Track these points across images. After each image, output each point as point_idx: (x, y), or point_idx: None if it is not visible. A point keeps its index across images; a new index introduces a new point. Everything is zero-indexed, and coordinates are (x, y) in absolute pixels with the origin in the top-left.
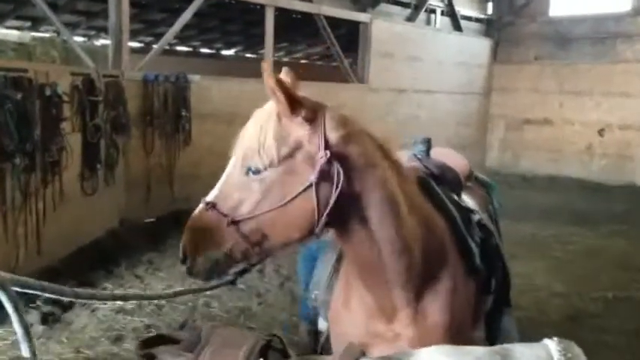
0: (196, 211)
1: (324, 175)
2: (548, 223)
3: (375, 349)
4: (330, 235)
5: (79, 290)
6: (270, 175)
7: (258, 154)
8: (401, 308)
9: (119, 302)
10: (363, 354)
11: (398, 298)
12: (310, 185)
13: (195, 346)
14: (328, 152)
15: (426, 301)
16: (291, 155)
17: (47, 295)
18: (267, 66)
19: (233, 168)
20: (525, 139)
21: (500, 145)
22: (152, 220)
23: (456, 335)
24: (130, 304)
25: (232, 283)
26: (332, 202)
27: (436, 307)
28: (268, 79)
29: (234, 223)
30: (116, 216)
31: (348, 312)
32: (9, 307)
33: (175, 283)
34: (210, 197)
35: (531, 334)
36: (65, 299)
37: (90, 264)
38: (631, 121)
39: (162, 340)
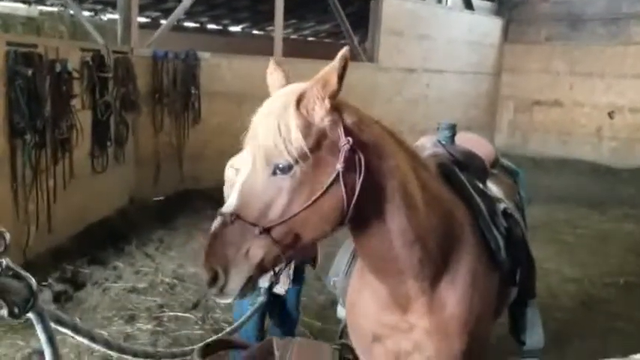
0: (216, 224)
1: (349, 164)
2: (558, 206)
3: (389, 339)
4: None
5: (111, 340)
6: (300, 171)
7: (285, 149)
8: (415, 299)
9: (131, 281)
10: None
11: (412, 288)
12: (337, 175)
13: (267, 357)
14: (350, 139)
15: (442, 292)
16: (317, 146)
17: (79, 337)
18: (346, 52)
19: (253, 171)
20: (535, 121)
21: (509, 127)
22: (161, 198)
23: (474, 327)
24: (142, 283)
25: (267, 305)
26: (357, 190)
27: (453, 298)
28: (337, 66)
29: (266, 231)
30: (126, 194)
31: (362, 301)
32: (43, 338)
33: (186, 262)
34: (229, 208)
35: (544, 319)
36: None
37: (100, 242)
38: None
39: (224, 345)
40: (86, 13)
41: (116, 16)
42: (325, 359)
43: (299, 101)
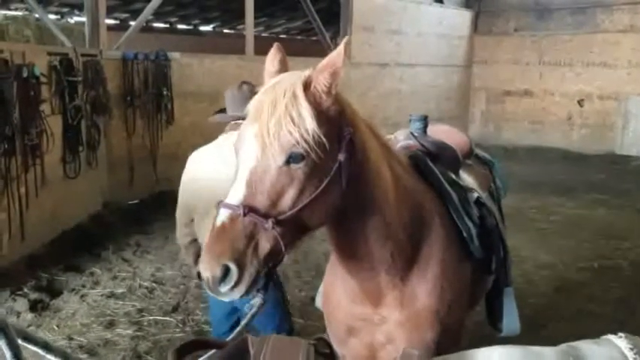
0: (223, 218)
1: (348, 153)
2: (531, 194)
3: (362, 332)
4: None
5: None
6: (313, 160)
7: (301, 138)
8: (387, 292)
9: (109, 286)
10: (419, 358)
11: (383, 282)
12: (340, 164)
13: (244, 355)
14: (351, 129)
15: (414, 284)
16: (326, 135)
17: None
18: (348, 39)
19: (263, 160)
20: (506, 111)
21: (482, 118)
22: (136, 201)
23: (446, 317)
24: (120, 288)
25: (263, 304)
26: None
27: (424, 289)
28: (342, 52)
29: (278, 223)
30: (99, 199)
31: (335, 295)
32: (7, 354)
33: (164, 265)
34: (236, 199)
35: (520, 305)
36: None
37: (75, 248)
38: (610, 91)
39: (199, 345)
40: (52, 17)
41: (83, 19)
42: (300, 354)
43: (305, 89)
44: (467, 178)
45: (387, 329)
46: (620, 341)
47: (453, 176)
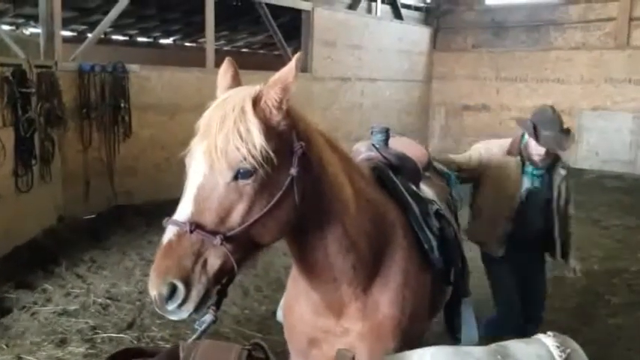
0: (170, 235)
1: (300, 168)
2: None
3: (324, 343)
4: None
5: None
6: (262, 175)
7: (249, 153)
8: (349, 304)
9: (62, 303)
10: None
11: (345, 294)
12: (292, 179)
13: None
14: (303, 144)
15: (375, 295)
16: (276, 150)
17: None
18: (300, 55)
19: (211, 176)
20: (465, 125)
21: (442, 132)
22: (92, 216)
23: (408, 327)
24: (73, 305)
25: (214, 321)
26: (298, 194)
27: (386, 300)
28: (294, 67)
29: (227, 239)
30: (54, 213)
31: (297, 307)
32: None
33: (120, 280)
34: (184, 216)
35: (478, 315)
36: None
37: (28, 264)
38: (564, 106)
39: (133, 353)
40: (6, 27)
41: (39, 30)
42: (231, 358)
43: (254, 104)
44: (426, 190)
45: (349, 341)
46: (548, 340)
47: (414, 188)
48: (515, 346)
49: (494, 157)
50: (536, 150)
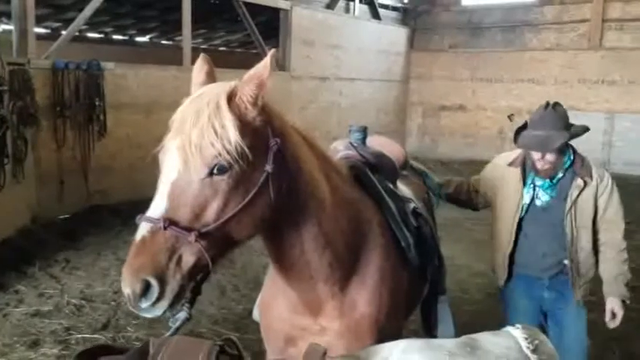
0: (143, 232)
1: (275, 164)
2: None
3: (302, 341)
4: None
5: None
6: (237, 171)
7: (224, 149)
8: (326, 302)
9: (35, 304)
10: (325, 354)
11: (322, 292)
12: (267, 175)
13: (144, 357)
14: (278, 140)
15: (352, 293)
16: (251, 146)
17: None
18: (275, 52)
19: (185, 172)
20: (442, 125)
21: (419, 131)
22: (67, 216)
23: (385, 324)
24: (47, 306)
25: (189, 319)
26: (273, 191)
27: (364, 298)
28: (268, 63)
29: (202, 236)
30: (27, 213)
31: (274, 305)
32: None
33: (94, 281)
34: (157, 212)
35: (455, 312)
36: None
37: (0, 265)
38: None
39: (102, 350)
40: None
41: (12, 27)
42: (200, 354)
43: (229, 100)
44: (403, 189)
45: (326, 339)
46: (517, 332)
47: (391, 186)
48: (484, 338)
49: (496, 170)
50: (536, 155)
